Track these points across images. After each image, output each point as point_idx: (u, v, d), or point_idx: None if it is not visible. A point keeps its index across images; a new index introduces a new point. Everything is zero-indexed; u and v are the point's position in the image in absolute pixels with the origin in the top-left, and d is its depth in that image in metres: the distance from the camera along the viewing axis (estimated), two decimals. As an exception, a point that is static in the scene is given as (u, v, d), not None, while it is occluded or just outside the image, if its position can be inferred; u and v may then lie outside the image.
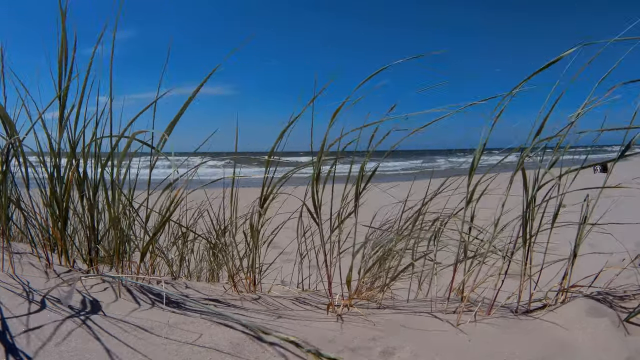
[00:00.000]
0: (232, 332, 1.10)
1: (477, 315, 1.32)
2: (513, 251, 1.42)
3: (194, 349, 0.99)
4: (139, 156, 1.56)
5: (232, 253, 1.74)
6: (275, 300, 1.59)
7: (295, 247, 1.79)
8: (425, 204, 1.67)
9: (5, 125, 1.40)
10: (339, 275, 1.54)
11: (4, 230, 1.45)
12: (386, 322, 1.30)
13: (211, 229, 1.92)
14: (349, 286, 1.53)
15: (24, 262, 1.45)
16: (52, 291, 1.16)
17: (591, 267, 1.52)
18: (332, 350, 1.07)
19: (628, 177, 1.56)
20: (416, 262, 1.58)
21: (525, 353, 1.11)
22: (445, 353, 1.11)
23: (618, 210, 1.82)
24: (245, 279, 1.71)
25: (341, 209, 1.53)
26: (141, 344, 0.98)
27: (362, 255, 1.63)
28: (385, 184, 1.99)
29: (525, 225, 1.38)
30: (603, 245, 1.84)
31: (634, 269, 1.55)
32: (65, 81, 1.40)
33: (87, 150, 1.46)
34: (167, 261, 1.96)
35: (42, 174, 1.49)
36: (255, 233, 1.65)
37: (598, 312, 1.28)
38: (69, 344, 0.92)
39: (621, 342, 1.13)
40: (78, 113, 1.44)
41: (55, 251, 1.57)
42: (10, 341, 0.88)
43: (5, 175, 1.38)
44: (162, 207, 1.72)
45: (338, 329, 1.22)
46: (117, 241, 1.46)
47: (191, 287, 1.66)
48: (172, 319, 1.13)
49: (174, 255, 2.07)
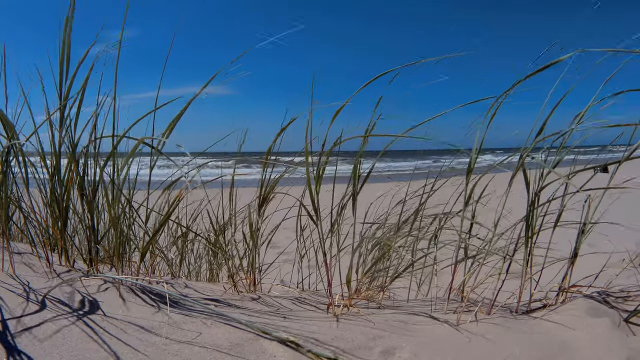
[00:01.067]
0: (232, 332, 1.10)
1: (477, 315, 1.33)
2: (514, 251, 1.42)
3: (194, 349, 0.99)
4: (139, 156, 1.56)
5: (231, 252, 1.74)
6: (275, 300, 1.59)
7: (294, 246, 1.79)
8: (423, 203, 1.67)
9: (5, 128, 1.40)
10: (338, 275, 1.54)
11: (4, 230, 1.45)
12: (386, 322, 1.30)
13: (210, 229, 1.92)
14: (349, 286, 1.53)
15: (24, 262, 1.45)
16: (52, 291, 1.16)
17: (591, 267, 1.52)
18: (332, 350, 1.07)
19: (628, 177, 1.56)
20: (416, 262, 1.58)
21: (525, 353, 1.11)
22: (445, 353, 1.11)
23: (618, 210, 1.82)
24: (245, 278, 1.71)
25: (339, 208, 1.53)
26: (141, 344, 0.98)
27: (360, 254, 1.63)
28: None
29: (527, 225, 1.38)
30: (603, 245, 1.84)
31: (634, 269, 1.55)
32: (65, 82, 1.40)
33: (87, 151, 1.46)
34: (167, 261, 1.96)
35: (43, 174, 1.49)
36: (255, 232, 1.65)
37: (598, 312, 1.28)
38: (69, 344, 0.92)
39: (621, 342, 1.13)
40: (78, 113, 1.44)
41: (55, 251, 1.57)
42: (11, 341, 0.88)
43: (6, 175, 1.38)
44: (161, 207, 1.72)
45: (338, 329, 1.22)
46: (117, 241, 1.46)
47: (191, 286, 1.66)
48: (172, 319, 1.13)
49: (173, 255, 2.08)
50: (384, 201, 1.94)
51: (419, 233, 1.68)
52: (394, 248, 1.74)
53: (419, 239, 1.66)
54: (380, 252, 1.77)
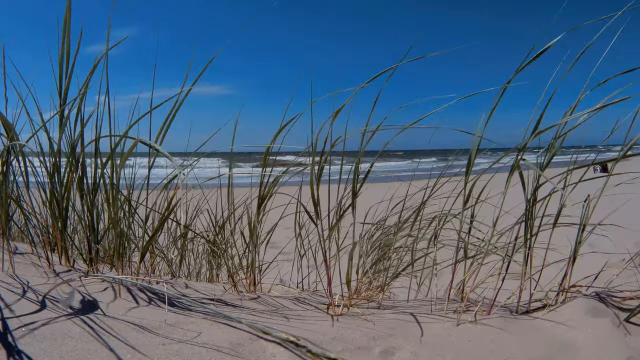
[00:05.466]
0: (232, 332, 1.10)
1: (477, 315, 1.33)
2: (513, 251, 1.42)
3: (194, 349, 0.99)
4: (136, 156, 1.56)
5: (230, 252, 1.74)
6: (275, 300, 1.59)
7: (293, 246, 1.79)
8: (424, 202, 1.67)
9: (5, 129, 1.40)
10: (338, 274, 1.54)
11: (4, 230, 1.45)
12: (386, 322, 1.30)
13: (209, 228, 1.92)
14: (349, 286, 1.53)
15: (24, 262, 1.45)
16: (52, 291, 1.16)
17: (591, 267, 1.52)
18: (332, 350, 1.07)
19: (628, 177, 1.56)
20: (416, 261, 1.58)
21: (525, 353, 1.11)
22: (445, 353, 1.11)
23: (618, 210, 1.82)
24: (245, 278, 1.71)
25: (338, 208, 1.53)
26: (141, 344, 0.98)
27: (360, 254, 1.63)
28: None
29: (526, 225, 1.38)
30: (603, 245, 1.84)
31: (634, 269, 1.55)
32: (65, 82, 1.40)
33: (83, 150, 1.46)
34: (166, 261, 1.96)
35: (43, 174, 1.49)
36: (254, 231, 1.65)
37: (598, 312, 1.28)
38: (69, 344, 0.92)
39: (621, 342, 1.13)
40: (78, 113, 1.44)
41: (55, 251, 1.57)
42: (11, 341, 0.88)
43: (6, 175, 1.38)
44: (160, 206, 1.72)
45: (338, 329, 1.22)
46: (117, 241, 1.46)
47: (191, 286, 1.66)
48: (172, 319, 1.13)
49: (173, 255, 2.08)
50: (385, 201, 1.94)
51: (419, 233, 1.68)
52: (393, 248, 1.74)
53: (419, 239, 1.66)
54: (380, 252, 1.77)
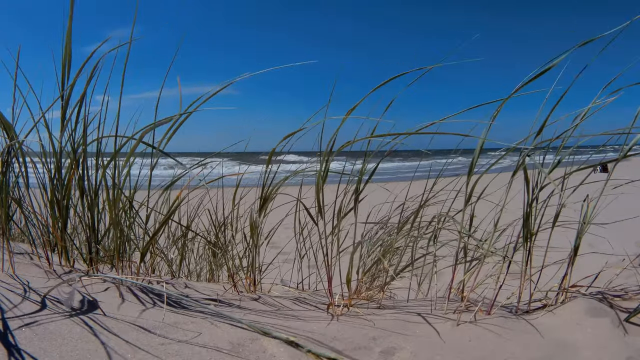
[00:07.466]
0: (232, 332, 1.10)
1: (477, 315, 1.33)
2: (514, 251, 1.42)
3: (195, 349, 0.99)
4: (141, 157, 1.56)
5: (231, 252, 1.75)
6: (275, 300, 1.59)
7: (294, 246, 1.79)
8: (424, 202, 1.67)
9: (5, 130, 1.40)
10: (338, 274, 1.54)
11: (5, 230, 1.45)
12: (386, 322, 1.30)
13: (210, 228, 1.92)
14: (349, 286, 1.53)
15: (24, 262, 1.45)
16: (52, 291, 1.16)
17: (591, 267, 1.52)
18: (332, 350, 1.07)
19: (628, 177, 1.56)
20: (416, 261, 1.58)
21: (525, 353, 1.11)
22: (445, 353, 1.11)
23: (618, 210, 1.82)
24: (245, 278, 1.71)
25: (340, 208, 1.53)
26: (142, 344, 0.98)
27: (360, 255, 1.63)
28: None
29: (526, 225, 1.38)
30: (603, 245, 1.84)
31: (634, 269, 1.55)
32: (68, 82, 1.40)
33: (85, 150, 1.46)
34: (167, 261, 1.96)
35: (44, 174, 1.49)
36: (255, 232, 1.65)
37: (598, 312, 1.28)
38: (69, 343, 0.92)
39: (621, 342, 1.13)
40: (78, 113, 1.44)
41: (55, 251, 1.57)
42: (11, 341, 0.88)
43: (6, 175, 1.38)
44: (162, 206, 1.72)
45: (338, 329, 1.22)
46: (118, 241, 1.46)
47: (191, 286, 1.66)
48: (172, 319, 1.13)
49: (173, 255, 2.08)
50: (386, 201, 1.95)
51: (419, 232, 1.68)
52: (393, 249, 1.74)
53: (419, 239, 1.66)
54: (380, 252, 1.77)
